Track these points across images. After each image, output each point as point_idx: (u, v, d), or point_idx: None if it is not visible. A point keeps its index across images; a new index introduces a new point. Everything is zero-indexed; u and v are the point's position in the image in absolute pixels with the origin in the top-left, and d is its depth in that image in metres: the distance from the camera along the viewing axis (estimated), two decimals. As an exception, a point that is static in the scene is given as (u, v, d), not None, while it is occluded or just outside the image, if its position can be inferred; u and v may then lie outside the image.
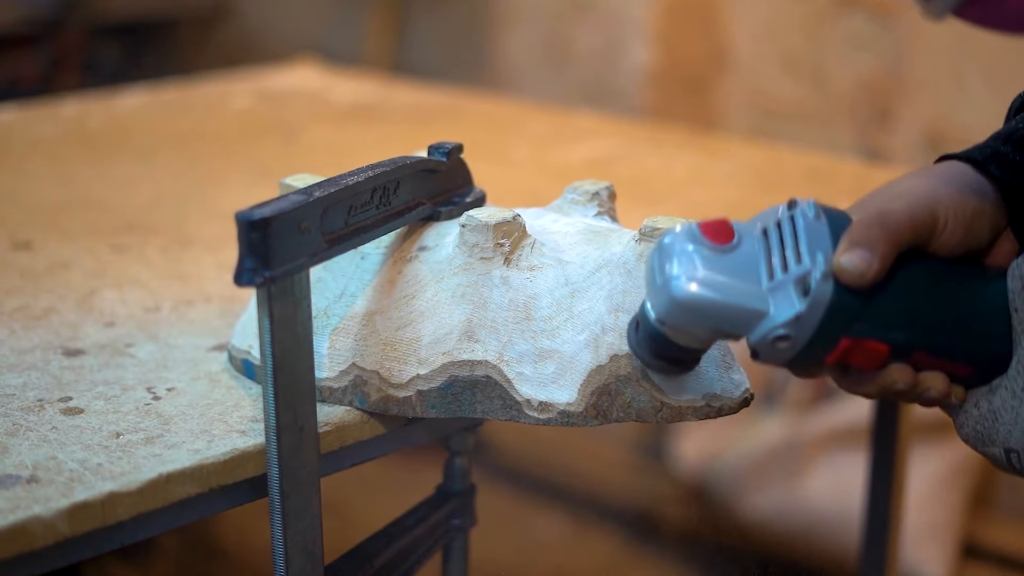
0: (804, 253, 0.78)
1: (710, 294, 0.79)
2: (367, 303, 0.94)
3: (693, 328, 0.81)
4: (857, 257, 0.78)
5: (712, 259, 0.79)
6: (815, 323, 0.78)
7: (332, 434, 0.92)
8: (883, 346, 0.80)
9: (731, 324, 0.80)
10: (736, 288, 0.79)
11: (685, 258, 0.79)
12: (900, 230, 0.80)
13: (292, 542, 0.86)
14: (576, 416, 0.89)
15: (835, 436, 2.27)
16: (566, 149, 1.74)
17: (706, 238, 0.80)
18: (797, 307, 0.78)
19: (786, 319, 0.78)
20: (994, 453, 0.82)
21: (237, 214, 0.81)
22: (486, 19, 3.23)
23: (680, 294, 0.79)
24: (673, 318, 0.81)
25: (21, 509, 0.79)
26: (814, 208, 0.80)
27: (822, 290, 0.77)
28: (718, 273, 0.79)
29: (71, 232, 1.33)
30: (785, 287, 0.79)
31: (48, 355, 1.02)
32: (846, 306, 0.78)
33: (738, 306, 0.79)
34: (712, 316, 0.79)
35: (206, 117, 1.89)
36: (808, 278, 0.78)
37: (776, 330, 0.78)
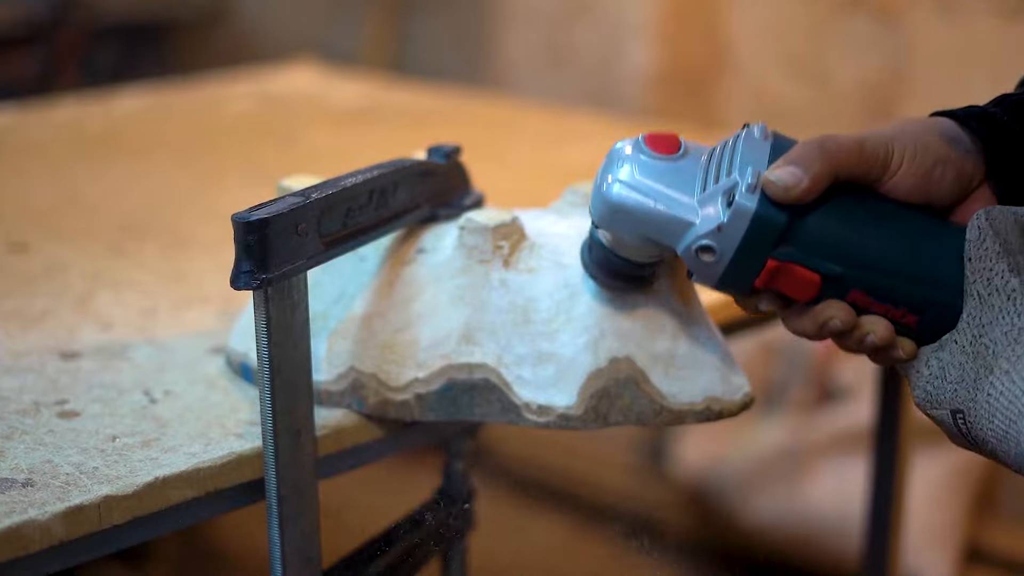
0: (736, 166, 0.79)
1: (639, 198, 0.80)
2: (365, 306, 0.94)
3: (625, 234, 0.82)
4: (786, 172, 0.77)
5: (650, 166, 0.81)
6: (738, 236, 0.78)
7: (330, 437, 0.91)
8: (813, 275, 0.78)
9: (659, 232, 0.81)
10: (667, 196, 0.80)
11: (624, 164, 0.81)
12: (841, 154, 0.78)
13: (290, 546, 0.86)
14: (575, 419, 0.89)
15: (836, 439, 2.26)
16: (566, 151, 1.73)
17: (649, 148, 0.81)
18: (720, 218, 0.78)
19: (708, 229, 0.78)
20: (942, 416, 0.78)
21: (234, 216, 0.80)
22: (486, 19, 3.23)
23: (612, 197, 0.81)
24: (606, 221, 0.82)
25: (17, 513, 0.79)
26: (761, 129, 0.80)
27: (745, 201, 0.77)
28: (652, 180, 0.81)
29: (68, 234, 1.33)
30: (713, 199, 0.79)
31: (44, 358, 1.02)
32: (770, 222, 0.78)
33: (666, 213, 0.80)
34: (641, 221, 0.81)
35: (204, 119, 1.89)
36: (734, 190, 0.78)
37: (699, 240, 0.79)
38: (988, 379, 0.74)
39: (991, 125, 0.81)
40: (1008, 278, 0.75)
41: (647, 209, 0.80)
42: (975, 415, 0.75)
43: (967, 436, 0.77)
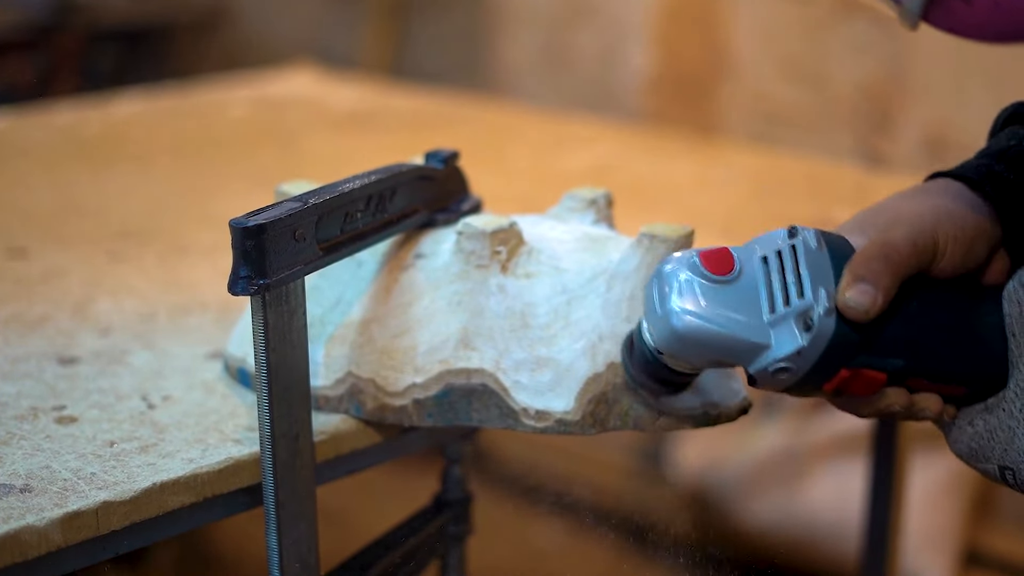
0: (807, 287, 0.78)
1: (711, 327, 0.78)
2: (363, 311, 0.94)
3: (692, 359, 0.81)
4: (860, 293, 0.78)
5: (712, 291, 0.79)
6: (816, 357, 0.78)
7: (328, 443, 0.91)
8: (881, 375, 0.80)
9: (731, 356, 0.80)
10: (737, 321, 0.79)
11: (686, 290, 0.79)
12: (902, 262, 0.80)
13: (288, 551, 0.86)
14: (573, 424, 0.89)
15: (835, 443, 2.26)
16: (564, 155, 1.73)
17: (706, 269, 0.79)
18: (799, 341, 0.78)
19: (787, 353, 0.78)
20: (988, 469, 0.83)
21: (231, 221, 0.80)
22: (485, 24, 3.23)
23: (681, 327, 0.79)
24: (673, 349, 0.81)
25: (14, 519, 0.79)
26: (815, 237, 0.80)
27: (824, 325, 0.77)
28: (719, 306, 0.79)
29: (67, 239, 1.33)
30: (787, 321, 0.78)
31: (42, 363, 1.01)
32: (847, 341, 0.78)
33: (739, 339, 0.79)
34: (712, 348, 0.79)
35: (203, 123, 1.89)
36: (811, 313, 0.78)
37: (777, 363, 0.78)
38: None
39: (1002, 187, 0.84)
40: None
41: (721, 337, 0.79)
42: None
43: (1014, 486, 0.83)
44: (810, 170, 1.70)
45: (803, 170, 1.69)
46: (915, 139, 2.52)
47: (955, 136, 2.45)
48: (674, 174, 1.66)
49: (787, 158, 1.82)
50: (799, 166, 1.73)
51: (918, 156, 2.50)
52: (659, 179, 1.63)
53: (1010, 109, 0.90)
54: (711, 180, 1.64)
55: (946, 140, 2.47)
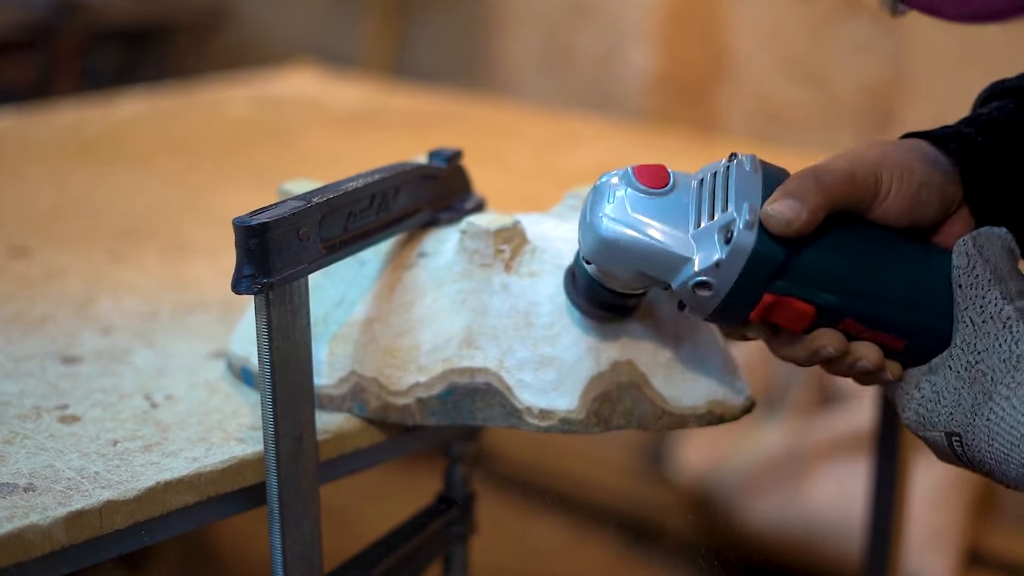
0: (731, 201, 0.78)
1: (633, 234, 0.79)
2: (366, 310, 0.94)
3: (618, 269, 0.81)
4: (785, 206, 0.77)
5: (641, 201, 0.80)
6: (735, 272, 0.77)
7: (331, 442, 0.91)
8: (808, 307, 0.78)
9: (654, 267, 0.79)
10: (661, 231, 0.79)
11: (614, 199, 0.80)
12: (836, 185, 0.78)
13: (291, 550, 0.86)
14: (577, 423, 0.89)
15: (837, 443, 2.26)
16: (566, 154, 1.73)
17: (639, 181, 0.80)
18: (718, 254, 0.77)
19: (706, 265, 0.78)
20: (935, 438, 0.79)
21: (235, 220, 0.80)
22: (486, 23, 3.23)
23: (605, 232, 0.79)
24: (598, 257, 0.81)
25: (18, 518, 0.79)
26: (751, 161, 0.80)
27: (744, 238, 0.77)
28: (645, 215, 0.79)
29: (68, 239, 1.33)
30: (709, 234, 0.78)
31: (45, 362, 1.01)
32: (768, 258, 0.77)
33: (661, 248, 0.79)
34: (635, 257, 0.79)
35: (204, 123, 1.89)
36: (732, 226, 0.77)
37: (696, 276, 0.78)
38: (987, 404, 0.75)
39: (967, 146, 0.82)
40: (1002, 305, 0.76)
41: (641, 245, 0.79)
42: (973, 438, 0.76)
43: (961, 457, 0.78)
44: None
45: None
46: (916, 138, 2.51)
47: (956, 135, 2.44)
48: (676, 173, 1.66)
49: (788, 157, 1.82)
50: (801, 165, 1.72)
51: (919, 155, 2.49)
52: (661, 178, 1.63)
53: (988, 89, 0.89)
54: (713, 179, 1.63)
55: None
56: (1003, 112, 0.85)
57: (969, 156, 0.82)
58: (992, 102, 0.88)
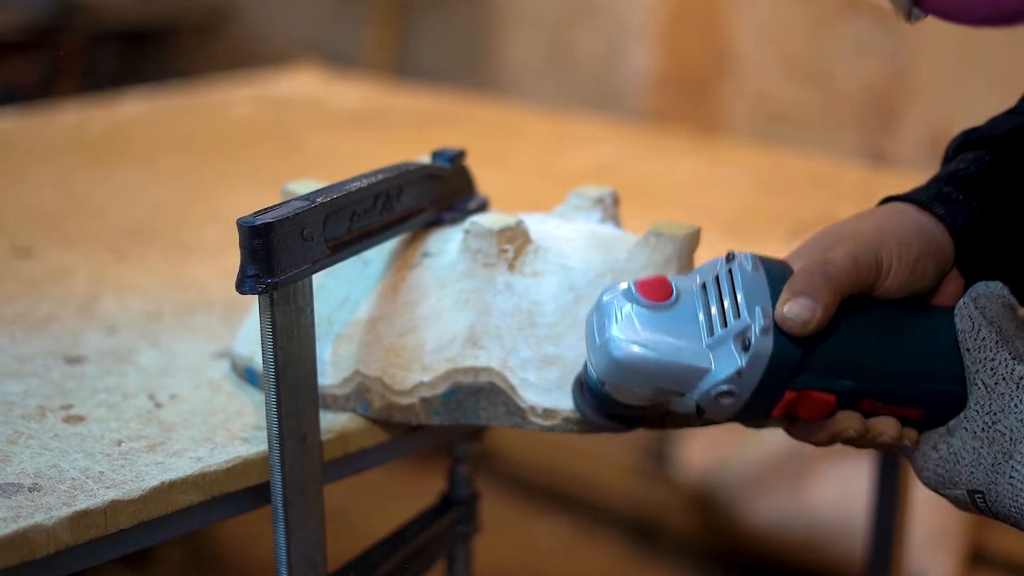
0: (743, 307, 0.78)
1: (649, 354, 0.78)
2: (370, 309, 0.94)
3: (634, 387, 0.80)
4: (799, 306, 0.77)
5: (650, 317, 0.79)
6: (757, 377, 0.77)
7: (335, 441, 0.91)
8: (829, 396, 0.79)
9: (672, 382, 0.79)
10: (675, 346, 0.78)
11: (624, 318, 0.79)
12: (842, 277, 0.78)
13: (295, 550, 0.86)
14: (581, 423, 0.89)
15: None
16: (569, 154, 1.73)
17: (643, 297, 0.79)
18: (738, 363, 0.77)
19: (727, 375, 0.77)
20: (957, 495, 0.80)
21: (239, 220, 0.80)
22: (488, 23, 3.23)
23: (619, 354, 0.78)
24: (614, 378, 0.80)
25: (23, 518, 0.79)
26: (751, 260, 0.79)
27: (762, 344, 0.76)
28: (656, 332, 0.78)
29: (72, 239, 1.33)
30: (725, 343, 0.78)
31: (49, 362, 1.02)
32: (787, 359, 0.77)
33: (678, 364, 0.78)
34: (652, 375, 0.79)
35: (207, 123, 1.89)
36: (748, 332, 0.77)
37: (718, 387, 0.77)
38: (1008, 463, 0.77)
39: (953, 209, 0.83)
40: (1012, 366, 0.78)
41: (657, 362, 0.78)
42: (997, 495, 0.77)
43: (985, 511, 0.79)
44: (814, 168, 1.69)
45: (807, 168, 1.69)
46: (919, 137, 2.52)
47: (959, 134, 2.44)
48: (678, 173, 1.66)
49: (791, 156, 1.82)
50: (803, 164, 1.73)
51: (922, 154, 2.50)
52: (663, 178, 1.63)
53: (960, 138, 0.89)
54: (715, 179, 1.64)
55: (949, 138, 2.46)
56: (979, 166, 0.86)
57: (956, 221, 0.83)
58: (965, 152, 0.88)
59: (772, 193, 1.55)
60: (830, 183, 1.60)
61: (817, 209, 1.46)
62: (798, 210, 1.46)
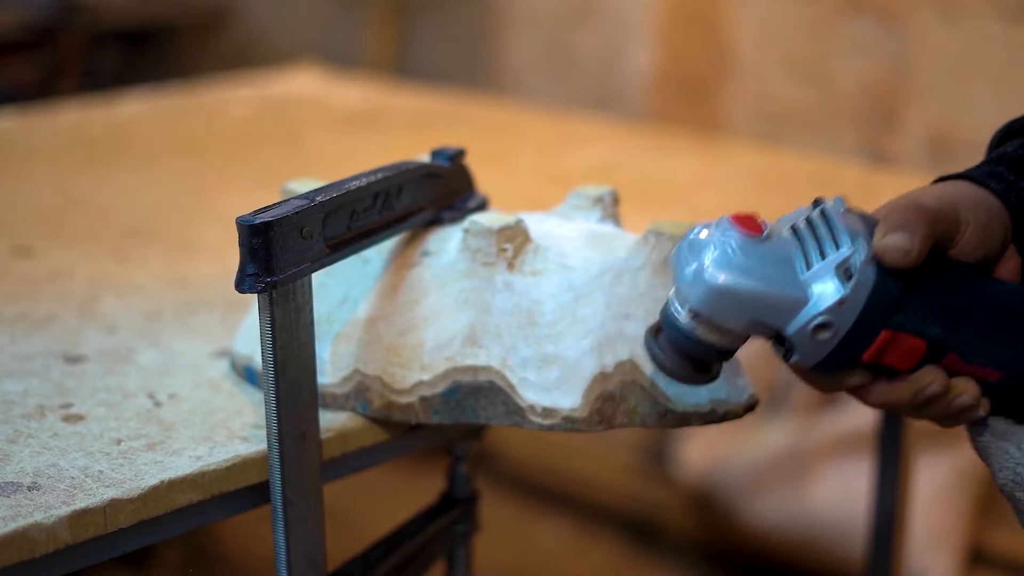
0: (843, 240, 0.76)
1: (748, 280, 0.76)
2: (370, 308, 0.94)
3: (729, 319, 0.77)
4: (898, 238, 0.76)
5: (747, 248, 0.77)
6: (858, 309, 0.75)
7: (335, 440, 0.91)
8: (920, 342, 0.77)
9: (769, 313, 0.76)
10: (773, 276, 0.76)
11: (720, 248, 0.77)
12: (934, 216, 0.78)
13: (295, 549, 0.86)
14: (580, 422, 0.89)
15: (840, 442, 2.26)
16: (569, 154, 1.74)
17: (739, 228, 0.77)
18: (841, 291, 0.75)
19: (828, 304, 0.75)
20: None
21: (238, 219, 0.80)
22: (488, 23, 3.23)
23: (717, 282, 0.76)
24: (710, 308, 0.77)
25: (22, 516, 0.79)
26: (842, 202, 0.78)
27: (865, 273, 0.75)
28: (754, 262, 0.76)
29: (72, 238, 1.33)
30: (825, 273, 0.76)
31: (49, 362, 1.02)
32: (888, 293, 0.76)
33: (776, 293, 0.76)
34: (750, 304, 0.76)
35: (207, 123, 1.89)
36: (850, 261, 0.75)
37: (817, 317, 0.75)
38: None
39: (1007, 186, 0.83)
40: None
41: (756, 290, 0.76)
42: None
43: None
44: (814, 168, 1.69)
45: (807, 168, 1.69)
46: (919, 137, 2.52)
47: (959, 134, 2.45)
48: (678, 172, 1.66)
49: (791, 156, 1.82)
50: (803, 164, 1.73)
51: (922, 154, 2.50)
52: (663, 177, 1.63)
53: (1004, 128, 0.90)
54: (715, 178, 1.64)
55: (950, 138, 2.47)
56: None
57: (1010, 198, 0.83)
58: (1011, 140, 0.89)
59: (772, 193, 1.55)
60: (830, 183, 1.60)
61: (817, 209, 1.46)
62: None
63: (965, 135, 2.43)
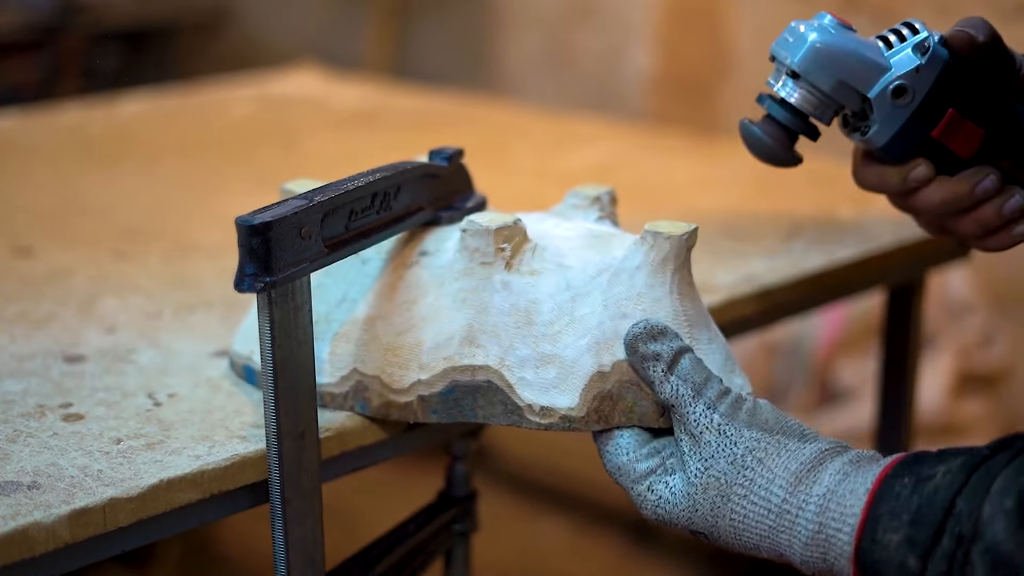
0: (920, 27, 0.93)
1: (842, 43, 0.94)
2: (368, 308, 0.94)
3: (822, 78, 0.94)
4: (968, 25, 0.92)
5: (840, 29, 0.95)
6: (931, 78, 0.92)
7: (333, 439, 0.92)
8: (979, 129, 0.94)
9: (856, 74, 0.93)
10: (862, 45, 0.94)
11: (817, 25, 0.95)
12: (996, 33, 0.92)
13: (294, 548, 0.86)
14: (578, 421, 0.89)
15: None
16: (567, 154, 1.74)
17: (834, 17, 0.95)
18: (917, 60, 0.93)
19: (907, 70, 0.93)
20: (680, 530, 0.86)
21: (237, 219, 0.81)
22: (487, 24, 3.23)
23: (816, 41, 0.94)
24: (807, 64, 0.94)
25: (22, 515, 0.79)
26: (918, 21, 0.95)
27: (939, 50, 0.92)
28: (847, 37, 0.94)
29: (72, 238, 1.33)
30: (904, 50, 0.93)
31: (49, 361, 1.02)
32: (957, 71, 0.93)
33: (865, 57, 0.93)
34: (841, 64, 0.93)
35: (207, 123, 1.89)
36: (927, 41, 0.93)
37: (897, 80, 0.93)
38: (727, 505, 0.83)
39: None
40: (710, 416, 0.84)
41: (847, 51, 0.93)
42: (719, 536, 0.84)
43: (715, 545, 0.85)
44: (811, 168, 1.69)
45: (805, 168, 1.68)
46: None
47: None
48: (677, 172, 1.66)
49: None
50: (802, 165, 1.72)
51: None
52: (661, 178, 1.63)
53: None
54: (713, 179, 1.64)
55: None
56: None
57: None
58: None
59: (770, 193, 1.55)
60: (828, 183, 1.60)
61: (815, 209, 1.47)
62: (796, 210, 1.46)
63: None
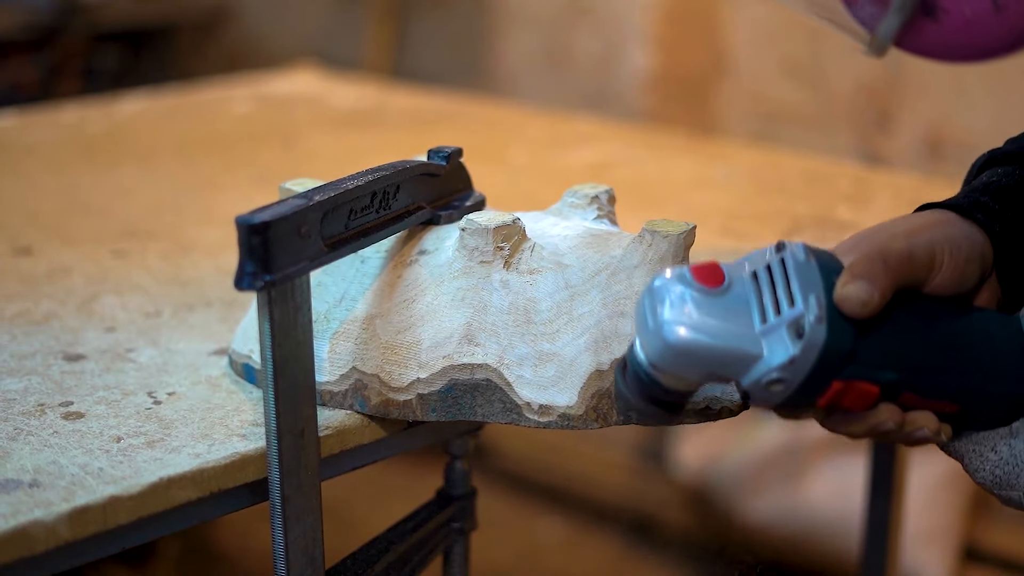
0: (797, 296, 0.78)
1: (703, 338, 0.78)
2: (367, 307, 0.95)
3: (686, 372, 0.80)
4: (858, 288, 0.78)
5: (703, 302, 0.78)
6: (808, 366, 0.78)
7: (333, 438, 0.92)
8: (874, 388, 0.80)
9: (724, 367, 0.79)
10: (729, 331, 0.78)
11: (677, 302, 0.78)
12: (900, 267, 0.80)
13: (293, 546, 0.86)
14: (576, 419, 0.89)
15: (835, 439, 2.27)
16: (565, 153, 1.74)
17: (697, 281, 0.79)
18: (791, 350, 0.77)
19: (780, 362, 0.78)
20: (1013, 497, 0.82)
21: (237, 218, 0.81)
22: (485, 24, 3.23)
23: (673, 339, 0.78)
24: (666, 363, 0.79)
25: (22, 513, 0.79)
26: (803, 250, 0.79)
27: (816, 333, 0.77)
28: (710, 316, 0.78)
29: (72, 238, 1.33)
30: (778, 330, 0.78)
31: (49, 360, 1.02)
32: (839, 348, 0.78)
33: (732, 349, 0.78)
34: (705, 360, 0.78)
35: (206, 123, 1.90)
36: (802, 321, 0.77)
37: (770, 373, 0.78)
38: None
39: (992, 217, 0.85)
40: None
41: (711, 348, 0.78)
42: None
43: None
44: (809, 168, 1.70)
45: (802, 168, 1.70)
46: (914, 138, 2.53)
47: (954, 135, 2.45)
48: (674, 172, 1.67)
49: (787, 156, 1.83)
50: (798, 164, 1.73)
51: (917, 155, 2.50)
52: (659, 177, 1.64)
53: (985, 157, 0.92)
54: (711, 178, 1.64)
55: (945, 139, 2.47)
56: (1010, 179, 0.88)
57: (994, 229, 0.85)
58: (993, 168, 0.90)
59: (768, 192, 1.56)
60: (826, 182, 1.61)
61: (813, 208, 1.47)
62: (794, 209, 1.47)
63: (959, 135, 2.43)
